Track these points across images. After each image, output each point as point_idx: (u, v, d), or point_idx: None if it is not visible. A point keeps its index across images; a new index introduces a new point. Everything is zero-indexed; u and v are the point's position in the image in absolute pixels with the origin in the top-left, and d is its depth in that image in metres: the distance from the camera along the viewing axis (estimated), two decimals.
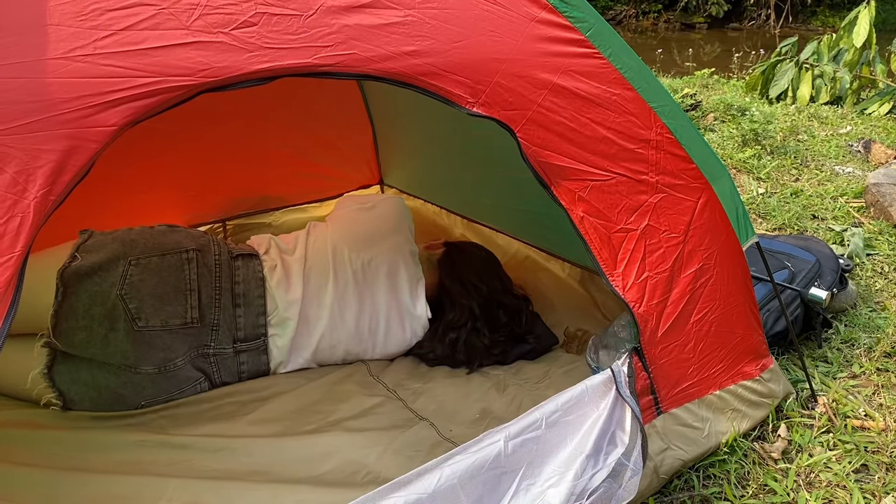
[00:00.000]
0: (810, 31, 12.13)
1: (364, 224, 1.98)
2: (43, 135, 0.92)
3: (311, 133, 2.70)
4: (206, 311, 1.68)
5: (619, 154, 1.40)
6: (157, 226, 1.78)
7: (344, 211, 2.08)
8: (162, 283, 1.62)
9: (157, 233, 1.73)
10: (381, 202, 2.08)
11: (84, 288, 1.55)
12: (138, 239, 1.67)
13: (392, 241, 1.94)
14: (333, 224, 2.01)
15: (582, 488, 1.30)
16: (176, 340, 1.63)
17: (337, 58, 1.13)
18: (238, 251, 1.83)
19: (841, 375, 2.00)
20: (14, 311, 0.91)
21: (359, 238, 1.91)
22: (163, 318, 1.61)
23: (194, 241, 1.74)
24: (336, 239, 1.91)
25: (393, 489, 1.13)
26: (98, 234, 1.69)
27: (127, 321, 1.56)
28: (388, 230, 1.96)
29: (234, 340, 1.73)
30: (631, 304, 1.43)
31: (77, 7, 0.98)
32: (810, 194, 3.44)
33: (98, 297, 1.55)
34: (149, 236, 1.70)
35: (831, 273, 2.25)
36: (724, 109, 4.96)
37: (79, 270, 1.56)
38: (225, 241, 1.86)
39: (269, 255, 1.86)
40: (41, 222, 0.93)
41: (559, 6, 1.33)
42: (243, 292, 1.75)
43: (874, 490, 1.58)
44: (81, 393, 1.57)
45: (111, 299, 1.55)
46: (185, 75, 1.02)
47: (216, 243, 1.79)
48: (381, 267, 1.88)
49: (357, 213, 2.04)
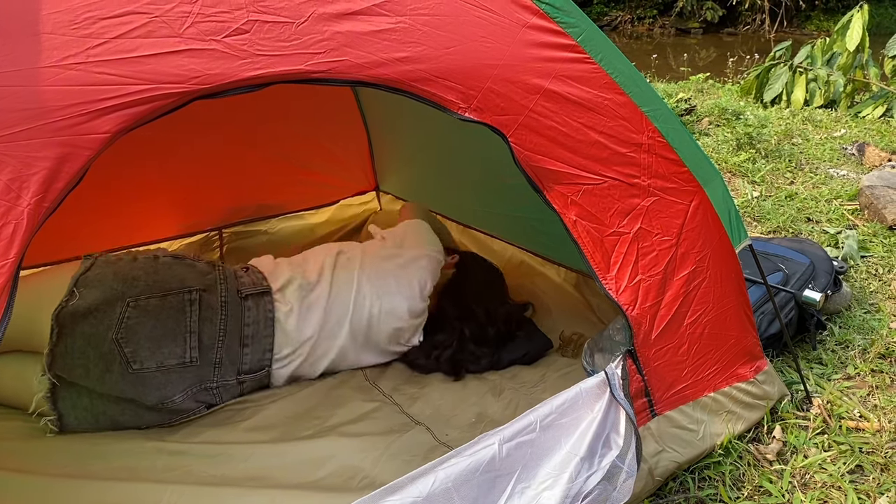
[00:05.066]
0: (805, 36, 12.18)
1: (391, 278, 1.87)
2: (36, 142, 0.93)
3: (307, 140, 2.70)
4: (207, 351, 1.62)
5: (612, 158, 1.41)
6: (162, 257, 1.67)
7: (374, 253, 1.92)
8: (160, 326, 1.56)
9: (161, 267, 1.63)
10: (410, 248, 1.95)
11: (80, 330, 1.50)
12: (140, 276, 1.58)
13: (414, 291, 1.89)
14: (363, 265, 1.87)
15: (577, 491, 1.30)
16: (173, 379, 1.58)
17: (329, 64, 1.13)
18: (249, 289, 1.71)
19: (835, 377, 2.01)
20: (8, 318, 0.91)
21: (383, 290, 1.84)
22: (159, 359, 1.55)
23: (200, 280, 1.65)
24: (363, 282, 1.83)
25: (388, 493, 1.13)
26: (101, 262, 1.60)
27: (122, 364, 1.52)
28: (412, 284, 1.88)
29: (238, 373, 1.69)
30: (624, 306, 1.44)
31: (70, 16, 0.99)
32: (805, 197, 3.45)
33: (93, 339, 1.50)
34: (152, 272, 1.61)
35: (825, 275, 2.25)
36: (719, 114, 4.98)
37: (75, 311, 1.50)
38: (235, 275, 1.73)
39: (286, 295, 1.75)
40: (35, 229, 0.93)
41: (550, 12, 1.34)
42: (252, 333, 1.69)
43: (869, 491, 1.59)
44: (81, 417, 1.55)
45: (106, 343, 1.51)
46: (177, 83, 1.02)
47: (223, 281, 1.69)
48: (396, 310, 1.85)
49: (387, 263, 1.90)
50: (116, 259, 1.62)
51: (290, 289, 1.75)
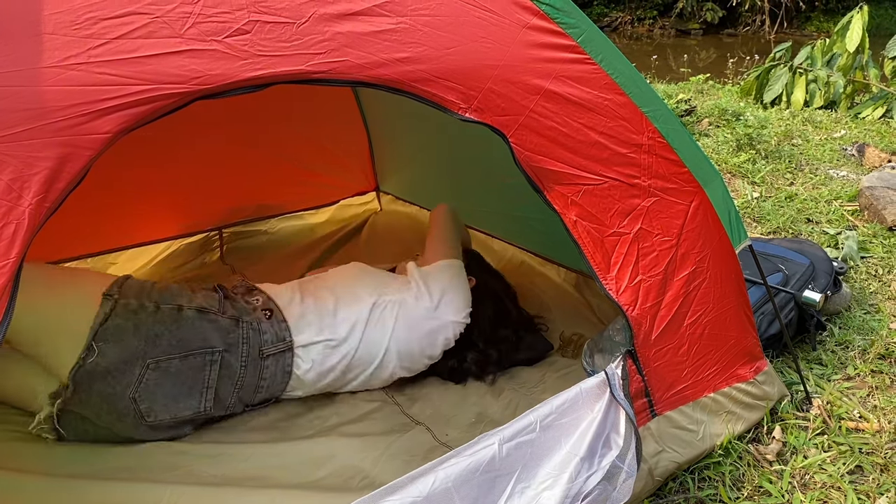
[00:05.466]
0: (805, 37, 12.18)
1: (420, 345, 1.78)
2: (38, 142, 0.93)
3: (307, 141, 2.71)
4: (221, 401, 1.60)
5: (612, 158, 1.41)
6: (186, 308, 1.54)
7: (410, 311, 1.77)
8: (179, 384, 1.51)
9: (184, 323, 1.52)
10: (446, 311, 1.80)
11: (96, 388, 1.44)
12: (163, 333, 1.49)
13: (436, 352, 1.82)
14: (396, 327, 1.74)
15: (576, 491, 1.30)
16: (186, 424, 1.57)
17: (330, 65, 1.14)
18: (271, 348, 1.62)
19: (835, 377, 2.01)
20: (9, 318, 0.92)
21: (408, 355, 1.77)
22: (173, 412, 1.52)
23: (223, 339, 1.55)
24: (391, 347, 1.73)
25: (388, 493, 1.13)
26: (122, 308, 1.46)
27: (135, 416, 1.49)
28: (435, 345, 1.81)
29: (246, 406, 1.68)
30: (624, 307, 1.44)
31: (71, 16, 0.99)
32: (804, 198, 3.45)
33: (109, 398, 1.45)
34: (174, 328, 1.51)
35: (825, 276, 2.26)
36: (719, 114, 4.98)
37: (93, 371, 1.42)
38: (259, 326, 1.61)
39: (309, 352, 1.65)
40: (36, 229, 0.93)
41: (551, 12, 1.34)
42: (268, 385, 1.65)
43: (868, 491, 1.59)
44: (81, 436, 1.53)
45: (123, 401, 1.46)
46: (178, 83, 1.03)
47: (246, 340, 1.58)
48: (414, 367, 1.82)
49: (421, 324, 1.77)
50: (139, 305, 1.49)
51: (315, 348, 1.66)
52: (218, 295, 1.64)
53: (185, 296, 1.58)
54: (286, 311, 1.67)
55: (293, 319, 1.66)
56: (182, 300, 1.56)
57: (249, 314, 1.62)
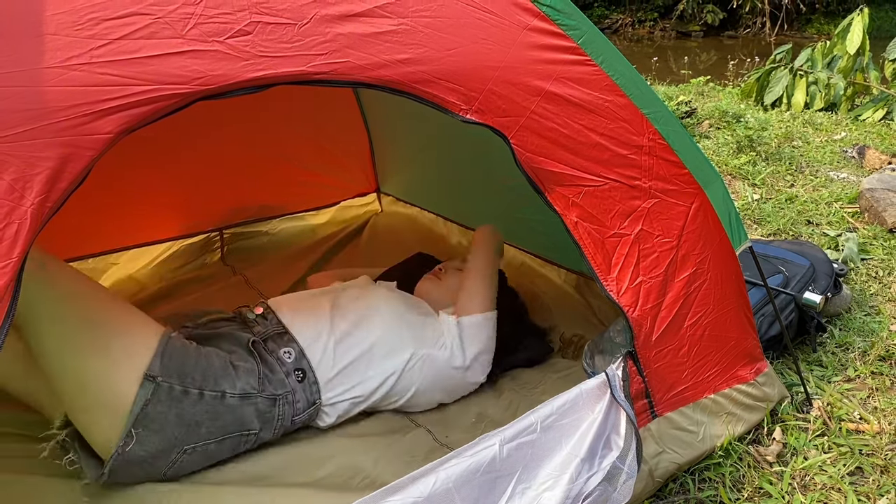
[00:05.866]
0: (805, 39, 12.18)
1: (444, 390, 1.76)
2: (40, 142, 0.93)
3: (308, 142, 2.71)
4: None
5: (612, 160, 1.42)
6: (229, 396, 1.45)
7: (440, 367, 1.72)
8: (210, 459, 1.48)
9: (225, 410, 1.45)
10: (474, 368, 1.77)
11: (131, 471, 1.39)
12: (203, 421, 1.42)
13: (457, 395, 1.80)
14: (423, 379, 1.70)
15: (577, 492, 1.31)
16: None
17: (331, 66, 1.14)
18: (302, 416, 1.58)
19: (835, 379, 2.01)
20: (11, 318, 0.92)
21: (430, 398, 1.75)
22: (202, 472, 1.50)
23: (260, 419, 1.50)
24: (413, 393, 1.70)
25: (388, 493, 1.13)
26: (164, 391, 1.37)
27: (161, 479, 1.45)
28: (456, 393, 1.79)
29: None
30: (625, 308, 1.44)
31: (74, 17, 0.99)
32: (805, 200, 3.46)
33: (141, 476, 1.41)
34: (215, 416, 1.43)
35: (825, 277, 2.26)
36: (720, 116, 4.98)
37: (130, 459, 1.36)
38: (294, 397, 1.54)
39: (336, 409, 1.62)
40: (38, 229, 0.93)
41: (551, 14, 1.34)
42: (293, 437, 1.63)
43: (868, 492, 1.59)
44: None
45: (155, 476, 1.42)
46: (180, 83, 1.03)
47: (281, 415, 1.54)
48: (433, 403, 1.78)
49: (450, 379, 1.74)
50: (182, 392, 1.39)
51: (342, 405, 1.63)
52: (258, 369, 1.52)
53: (228, 377, 1.47)
54: (318, 370, 1.60)
55: (324, 378, 1.60)
56: (226, 384, 1.45)
57: (284, 385, 1.54)
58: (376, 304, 1.74)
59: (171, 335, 1.45)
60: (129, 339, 1.38)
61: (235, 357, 1.51)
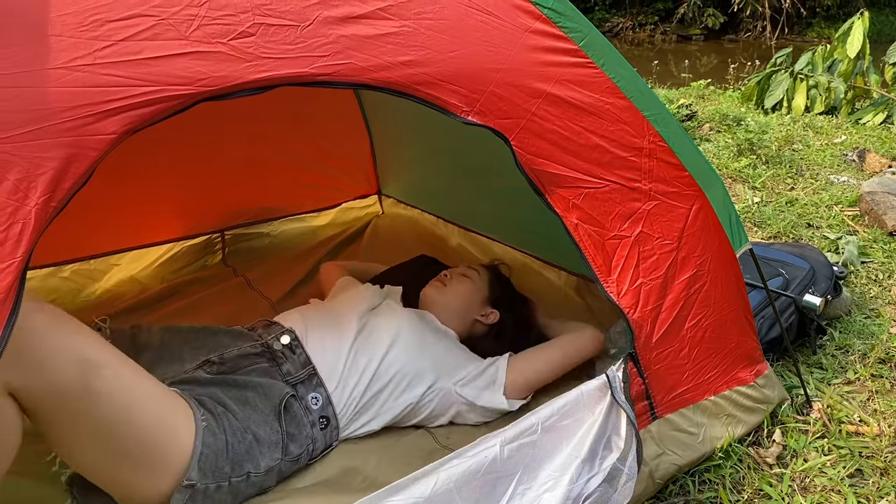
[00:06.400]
0: (806, 42, 12.19)
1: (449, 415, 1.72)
2: (44, 143, 0.94)
3: (310, 143, 2.72)
4: None
5: (613, 162, 1.42)
6: (253, 475, 1.40)
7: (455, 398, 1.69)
8: None
9: (252, 482, 1.40)
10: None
11: None
12: (227, 499, 1.38)
13: None
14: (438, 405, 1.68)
15: (577, 493, 1.31)
16: None
17: (334, 67, 1.14)
18: (319, 456, 1.55)
19: (835, 381, 2.01)
20: (15, 318, 0.92)
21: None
22: None
23: (279, 476, 1.47)
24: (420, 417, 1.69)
25: (389, 493, 1.14)
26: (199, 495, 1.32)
27: None
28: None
29: None
30: (625, 310, 1.45)
31: (78, 18, 1.00)
32: (805, 203, 3.46)
33: None
34: (237, 493, 1.39)
35: (825, 280, 2.26)
36: (720, 119, 4.99)
37: None
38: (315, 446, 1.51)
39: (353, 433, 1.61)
40: (42, 229, 0.94)
41: (553, 17, 1.35)
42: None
43: (868, 495, 1.59)
44: None
45: None
46: (183, 84, 1.03)
47: (298, 466, 1.51)
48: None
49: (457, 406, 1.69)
50: (216, 487, 1.35)
51: (359, 431, 1.61)
52: (282, 441, 1.46)
53: (252, 459, 1.39)
54: (341, 416, 1.57)
55: (345, 420, 1.58)
56: (250, 466, 1.39)
57: (308, 439, 1.50)
58: (398, 333, 1.68)
59: (203, 421, 1.34)
60: (165, 443, 1.29)
61: (260, 429, 1.43)
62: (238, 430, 1.39)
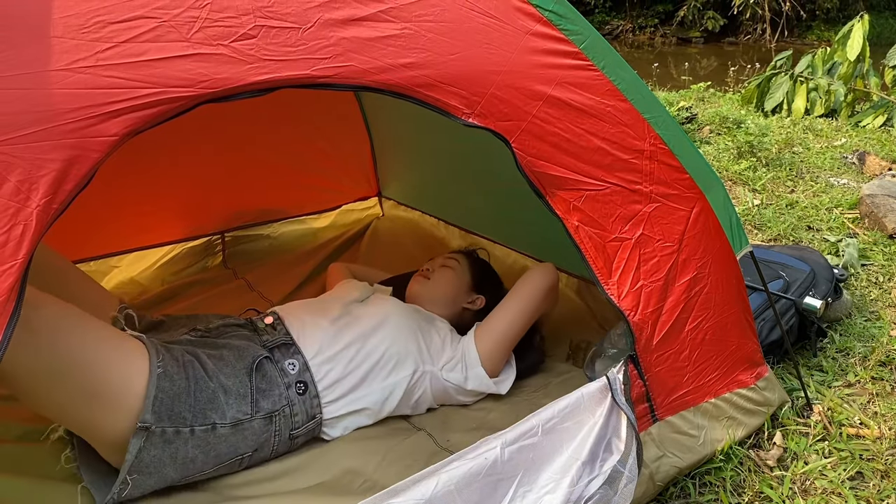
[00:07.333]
0: (805, 45, 12.20)
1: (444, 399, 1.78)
2: (46, 144, 0.94)
3: (310, 145, 2.72)
4: None
5: (614, 164, 1.42)
6: (220, 427, 1.41)
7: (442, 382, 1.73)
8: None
9: (218, 440, 1.41)
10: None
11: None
12: (197, 456, 1.39)
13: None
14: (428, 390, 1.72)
15: (578, 495, 1.31)
16: None
17: (335, 69, 1.15)
18: (302, 432, 1.55)
19: (836, 384, 2.01)
20: (16, 319, 0.92)
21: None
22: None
23: (256, 440, 1.47)
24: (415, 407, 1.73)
25: (390, 496, 1.13)
26: (157, 434, 1.33)
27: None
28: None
29: None
30: (626, 312, 1.45)
31: (80, 20, 1.00)
32: (805, 205, 3.46)
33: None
34: (208, 448, 1.40)
35: (826, 282, 2.26)
36: (720, 122, 5.00)
37: (126, 501, 1.35)
38: (291, 409, 1.51)
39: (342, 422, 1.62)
40: (43, 230, 0.94)
41: (554, 19, 1.35)
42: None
43: (869, 497, 1.59)
44: None
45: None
46: (185, 86, 1.04)
47: (278, 431, 1.50)
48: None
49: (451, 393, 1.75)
50: (174, 433, 1.35)
51: (344, 420, 1.62)
52: (251, 394, 1.47)
53: (217, 408, 1.41)
54: (320, 384, 1.57)
55: (326, 392, 1.57)
56: (215, 415, 1.40)
57: (282, 398, 1.51)
58: (385, 317, 1.72)
59: (158, 366, 1.36)
60: (118, 383, 1.32)
61: (229, 380, 1.45)
62: (202, 379, 1.42)
